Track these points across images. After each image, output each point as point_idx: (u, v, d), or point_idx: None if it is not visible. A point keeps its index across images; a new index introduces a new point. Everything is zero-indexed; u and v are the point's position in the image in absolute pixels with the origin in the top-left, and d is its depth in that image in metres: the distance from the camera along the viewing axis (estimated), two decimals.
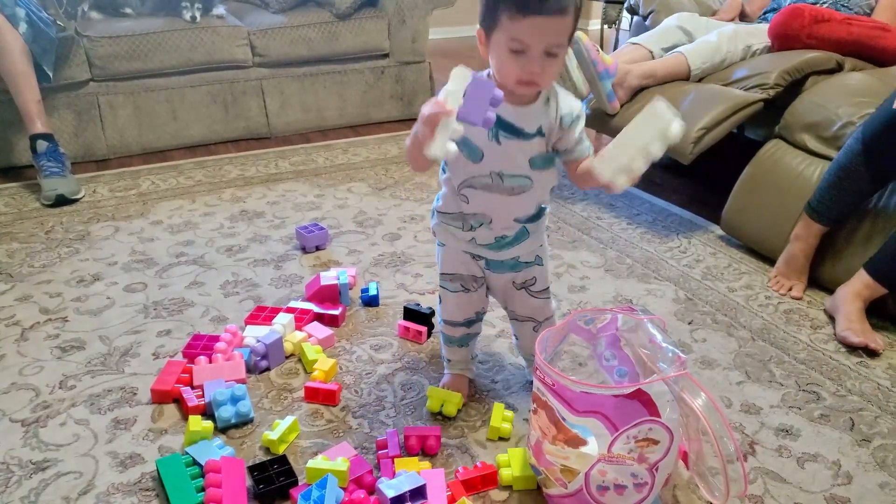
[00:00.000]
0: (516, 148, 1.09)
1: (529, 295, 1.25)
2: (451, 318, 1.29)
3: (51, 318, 1.59)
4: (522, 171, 1.11)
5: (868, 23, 2.03)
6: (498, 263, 1.21)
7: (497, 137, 1.08)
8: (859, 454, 1.21)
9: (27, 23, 2.21)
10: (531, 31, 0.97)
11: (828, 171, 1.66)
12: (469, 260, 1.22)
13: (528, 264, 1.22)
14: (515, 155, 1.09)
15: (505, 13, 0.97)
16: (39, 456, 1.19)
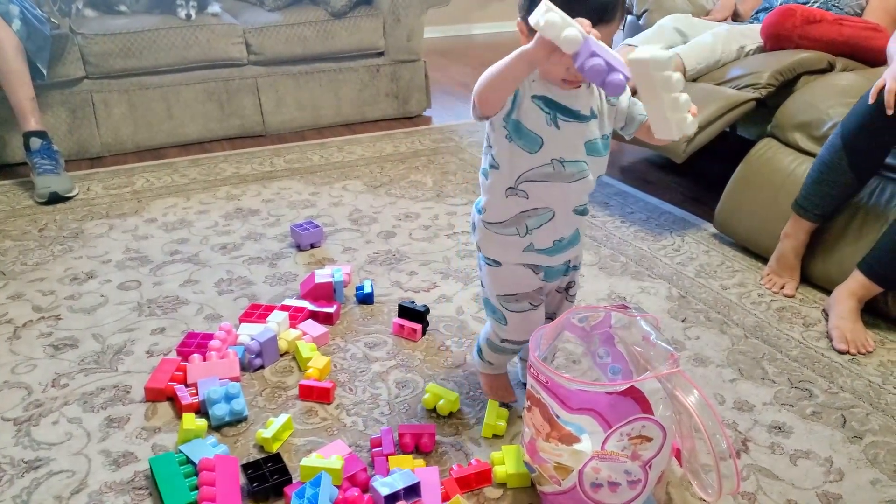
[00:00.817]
0: (574, 131, 1.08)
1: (565, 299, 1.27)
2: (517, 337, 1.23)
3: (44, 316, 1.58)
4: (580, 157, 1.09)
5: (859, 23, 2.04)
6: (554, 271, 1.18)
7: (556, 122, 1.06)
8: (851, 451, 1.22)
9: (21, 20, 2.20)
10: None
11: (812, 167, 1.67)
12: (530, 274, 1.17)
13: (576, 269, 1.24)
14: (574, 139, 1.08)
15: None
16: (32, 455, 1.19)
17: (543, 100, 1.05)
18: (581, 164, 1.10)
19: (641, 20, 2.61)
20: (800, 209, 1.68)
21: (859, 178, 1.61)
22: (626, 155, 2.75)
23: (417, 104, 3.12)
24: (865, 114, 1.55)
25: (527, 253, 1.15)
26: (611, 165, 2.63)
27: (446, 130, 2.93)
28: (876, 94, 1.52)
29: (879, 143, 1.57)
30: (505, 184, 1.11)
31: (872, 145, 1.58)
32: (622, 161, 2.69)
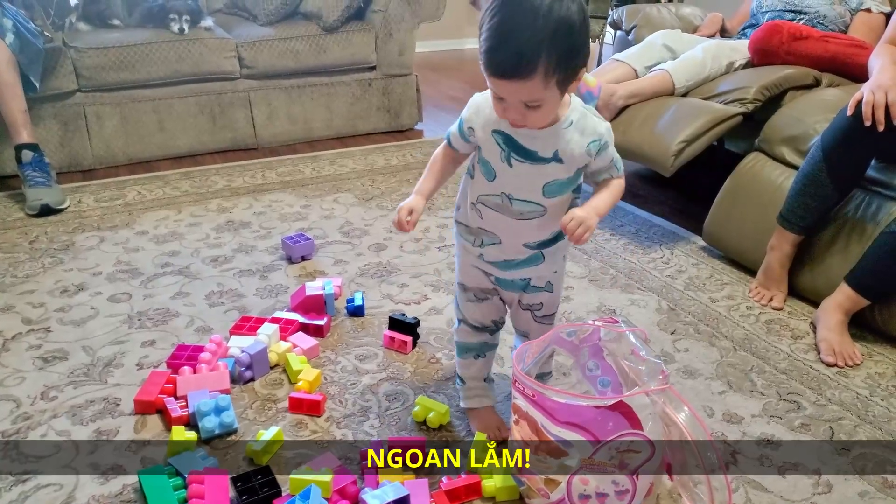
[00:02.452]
0: (528, 172, 1.05)
1: (533, 318, 1.23)
2: (462, 314, 1.25)
3: (33, 328, 1.58)
4: (533, 198, 1.07)
5: (845, 40, 2.08)
6: (507, 282, 1.18)
7: (509, 160, 1.05)
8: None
9: (14, 33, 2.21)
10: (501, 89, 0.96)
11: (794, 179, 1.70)
12: (481, 275, 1.20)
13: (538, 289, 1.19)
14: (527, 179, 1.06)
15: (482, 61, 0.96)
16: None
17: (502, 135, 1.05)
18: (531, 205, 1.08)
19: (630, 36, 2.64)
20: (784, 221, 1.70)
21: (840, 189, 1.63)
22: None
23: (409, 118, 3.14)
24: (844, 126, 1.57)
25: (479, 260, 1.17)
26: None
27: (437, 144, 2.93)
28: (854, 106, 1.54)
29: (858, 154, 1.60)
30: (471, 196, 1.14)
31: (851, 157, 1.60)
32: None
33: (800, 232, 1.68)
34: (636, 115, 2.07)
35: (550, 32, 0.90)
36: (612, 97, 2.07)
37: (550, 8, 0.90)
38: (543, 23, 0.89)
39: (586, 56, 0.97)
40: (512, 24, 0.90)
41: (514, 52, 0.91)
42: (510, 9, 0.91)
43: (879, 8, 2.20)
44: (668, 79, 2.11)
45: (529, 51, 0.90)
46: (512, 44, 0.91)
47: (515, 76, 0.92)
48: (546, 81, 0.93)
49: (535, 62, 0.91)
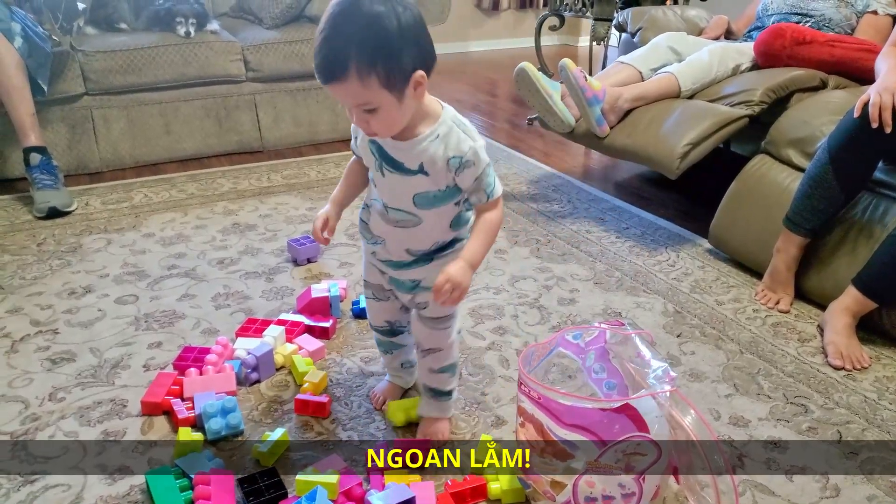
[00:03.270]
0: (398, 182, 1.07)
1: (419, 317, 1.19)
2: (370, 321, 1.30)
3: (41, 329, 1.59)
4: (405, 207, 1.08)
5: (853, 44, 2.06)
6: (399, 283, 1.17)
7: (381, 169, 1.08)
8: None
9: (23, 37, 2.23)
10: (332, 93, 0.98)
11: (801, 182, 1.69)
12: (377, 273, 1.21)
13: (427, 289, 1.14)
14: (398, 189, 1.08)
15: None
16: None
17: (375, 145, 1.08)
18: (405, 215, 1.09)
19: (636, 38, 2.64)
20: (790, 224, 1.69)
21: (846, 192, 1.63)
22: (620, 171, 2.77)
23: None
24: (851, 128, 1.57)
25: (373, 257, 1.19)
26: (605, 181, 2.65)
27: None
28: (861, 108, 1.54)
29: (865, 156, 1.59)
30: (367, 198, 1.18)
31: (858, 159, 1.60)
32: (617, 177, 2.71)
33: (806, 234, 1.68)
34: (642, 118, 2.07)
35: (360, 31, 0.92)
36: (617, 100, 2.07)
37: (365, 11, 0.92)
38: (354, 24, 0.92)
39: (417, 61, 0.96)
40: (330, 30, 0.93)
41: (326, 54, 0.93)
42: (331, 16, 0.94)
43: (886, 10, 2.20)
44: (673, 82, 2.11)
45: (340, 51, 0.92)
46: (325, 48, 0.94)
47: (331, 78, 0.94)
48: (363, 82, 0.93)
49: (345, 62, 0.92)
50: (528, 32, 5.12)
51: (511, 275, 1.87)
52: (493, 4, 5.23)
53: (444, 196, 1.07)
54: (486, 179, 1.05)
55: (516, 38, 5.40)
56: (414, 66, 0.96)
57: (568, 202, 2.37)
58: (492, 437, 1.24)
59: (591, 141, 2.17)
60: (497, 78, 4.33)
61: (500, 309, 1.70)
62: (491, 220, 1.08)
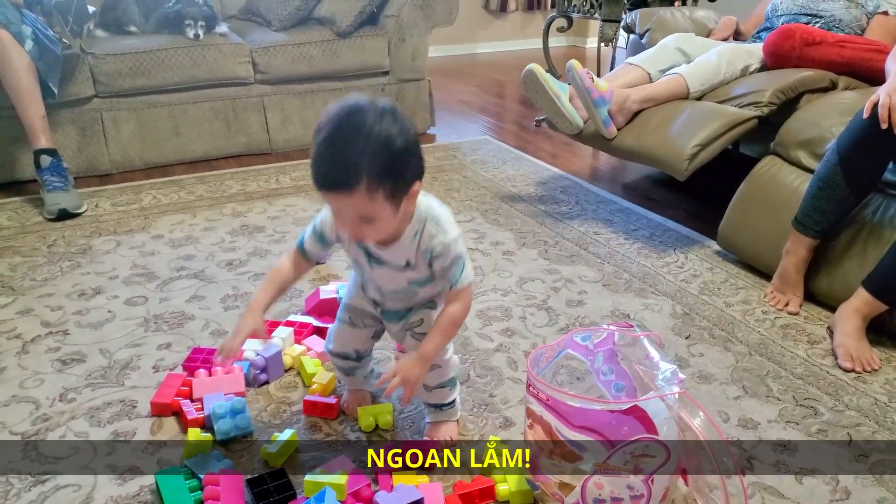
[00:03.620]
0: (390, 274, 1.14)
1: (412, 336, 1.21)
2: (333, 348, 1.30)
3: (52, 331, 1.60)
4: (401, 288, 1.16)
5: (863, 44, 2.05)
6: (391, 313, 1.22)
7: (370, 263, 1.15)
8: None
9: (33, 40, 2.24)
10: (332, 202, 1.02)
11: (810, 183, 1.68)
12: (363, 298, 1.24)
13: (420, 308, 1.21)
14: (392, 277, 1.15)
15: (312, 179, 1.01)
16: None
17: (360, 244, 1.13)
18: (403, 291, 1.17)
19: (644, 39, 2.64)
20: (799, 225, 1.68)
21: (856, 193, 1.62)
22: (628, 172, 2.77)
23: (422, 122, 3.14)
24: (860, 129, 1.56)
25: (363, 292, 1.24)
26: (613, 182, 2.65)
27: (450, 148, 2.96)
28: (870, 109, 1.53)
29: (875, 157, 1.59)
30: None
31: (868, 160, 1.59)
32: (625, 178, 2.71)
33: (815, 236, 1.67)
34: (650, 119, 2.06)
35: (372, 148, 0.95)
36: (625, 102, 2.07)
37: (373, 126, 0.96)
38: (365, 139, 0.95)
39: (415, 174, 1.02)
40: (337, 140, 0.96)
41: (337, 165, 0.97)
42: (336, 126, 0.97)
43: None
44: (682, 83, 2.10)
45: (351, 163, 0.95)
46: (336, 157, 0.96)
47: (338, 188, 0.98)
48: (371, 195, 0.97)
49: (357, 175, 0.96)
50: (535, 34, 5.11)
51: (519, 276, 1.87)
52: (500, 6, 5.24)
53: (434, 277, 1.14)
54: (452, 271, 1.11)
55: (524, 39, 5.40)
56: (413, 179, 1.02)
57: (576, 204, 2.36)
58: (499, 438, 1.24)
59: (600, 142, 2.16)
60: (505, 79, 4.33)
61: (508, 311, 1.70)
62: (452, 314, 1.13)
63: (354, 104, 0.98)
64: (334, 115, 0.98)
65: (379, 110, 0.97)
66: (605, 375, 1.20)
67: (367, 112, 0.97)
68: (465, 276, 1.11)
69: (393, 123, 0.97)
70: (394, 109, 0.99)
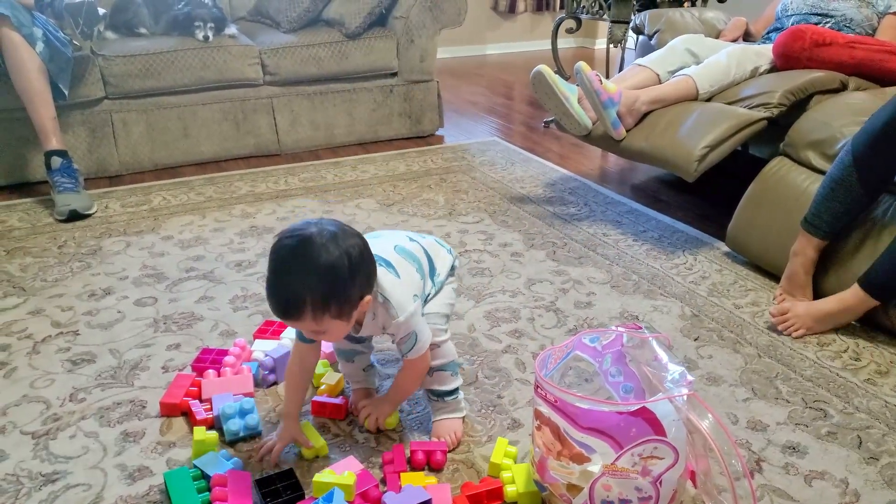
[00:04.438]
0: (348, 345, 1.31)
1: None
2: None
3: (62, 331, 1.61)
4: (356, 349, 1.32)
5: (874, 45, 2.03)
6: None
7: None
8: (867, 472, 1.21)
9: (44, 42, 2.26)
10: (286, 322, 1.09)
11: (822, 184, 1.67)
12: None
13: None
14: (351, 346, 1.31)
15: None
16: (49, 468, 1.20)
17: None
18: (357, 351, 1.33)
19: (653, 41, 2.63)
20: (808, 226, 1.67)
21: (869, 194, 1.61)
22: (637, 174, 2.76)
23: (430, 123, 3.15)
24: (876, 130, 1.55)
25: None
26: (622, 184, 2.64)
27: (458, 149, 2.96)
28: None
29: (890, 158, 1.57)
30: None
31: (883, 161, 1.57)
32: (634, 180, 2.70)
33: (824, 237, 1.66)
34: (659, 121, 2.06)
35: (314, 279, 1.01)
36: (634, 103, 2.06)
37: (317, 258, 1.01)
38: (307, 270, 1.01)
39: (363, 289, 1.08)
40: (282, 274, 1.03)
41: (282, 298, 1.03)
42: (282, 261, 1.03)
43: None
44: (691, 84, 2.09)
45: (295, 296, 1.02)
46: (280, 290, 1.03)
47: (286, 317, 1.05)
48: (317, 318, 1.04)
49: (300, 306, 1.02)
50: (544, 35, 5.11)
51: (527, 278, 1.87)
52: (509, 7, 5.24)
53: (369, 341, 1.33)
54: (405, 345, 1.18)
55: (533, 40, 5.40)
56: (361, 294, 1.08)
57: (584, 205, 2.36)
58: (508, 439, 1.24)
59: (608, 144, 2.16)
60: (513, 81, 4.33)
61: (516, 312, 1.70)
62: (413, 371, 1.23)
63: (300, 236, 1.02)
64: (281, 247, 1.03)
65: (325, 238, 1.02)
66: (614, 377, 1.19)
67: (313, 243, 1.01)
68: (417, 349, 1.18)
69: (336, 249, 1.02)
70: (336, 234, 1.03)
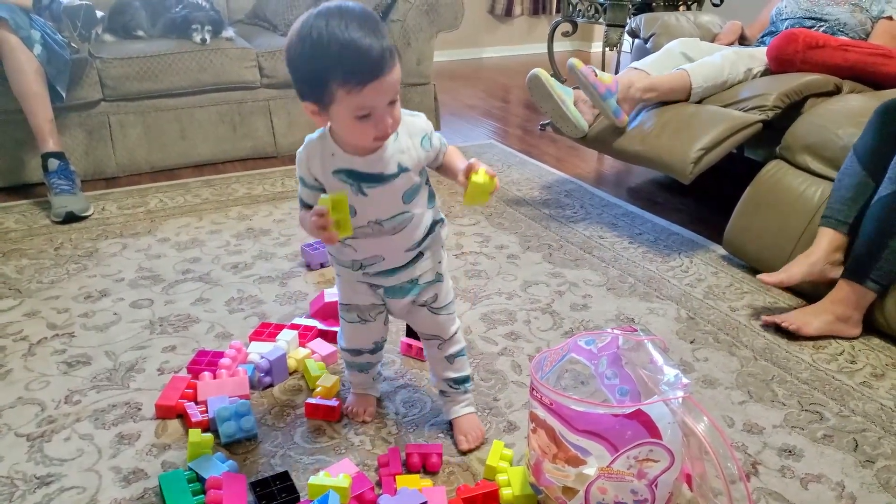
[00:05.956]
0: (384, 192, 1.08)
1: (431, 312, 1.22)
2: (349, 345, 1.29)
3: (58, 333, 1.61)
4: (398, 210, 1.10)
5: (867, 49, 2.04)
6: (396, 289, 1.18)
7: (362, 190, 1.07)
8: (863, 475, 1.21)
9: (42, 45, 2.26)
10: (374, 95, 0.97)
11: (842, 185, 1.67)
12: (367, 289, 1.20)
13: (429, 283, 1.20)
14: (386, 199, 1.09)
15: (341, 89, 0.96)
16: (44, 470, 1.20)
17: (344, 172, 1.07)
18: (401, 217, 1.11)
19: (648, 44, 2.64)
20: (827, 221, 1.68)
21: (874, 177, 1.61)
22: (633, 176, 2.76)
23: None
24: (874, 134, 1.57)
25: (363, 276, 1.18)
26: (618, 186, 2.64)
27: None
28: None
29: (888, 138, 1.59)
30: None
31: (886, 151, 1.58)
32: (630, 182, 2.70)
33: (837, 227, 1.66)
34: (655, 123, 2.06)
35: (380, 24, 0.97)
36: (629, 89, 2.07)
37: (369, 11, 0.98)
38: (373, 19, 0.97)
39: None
40: (362, 22, 0.95)
41: (379, 45, 0.95)
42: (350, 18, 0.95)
43: None
44: (685, 77, 2.09)
45: (383, 40, 0.96)
46: (375, 34, 0.95)
47: (392, 64, 0.97)
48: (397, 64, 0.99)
49: (391, 48, 0.97)
50: (541, 38, 5.12)
51: (523, 280, 1.87)
52: (506, 10, 5.24)
53: (421, 182, 1.13)
54: (438, 138, 1.15)
55: (529, 44, 5.40)
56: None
57: (581, 207, 2.36)
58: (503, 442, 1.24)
59: (604, 146, 2.17)
60: (510, 84, 4.34)
61: (512, 314, 1.70)
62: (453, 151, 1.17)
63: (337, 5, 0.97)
64: (335, 9, 0.96)
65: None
66: (609, 379, 1.19)
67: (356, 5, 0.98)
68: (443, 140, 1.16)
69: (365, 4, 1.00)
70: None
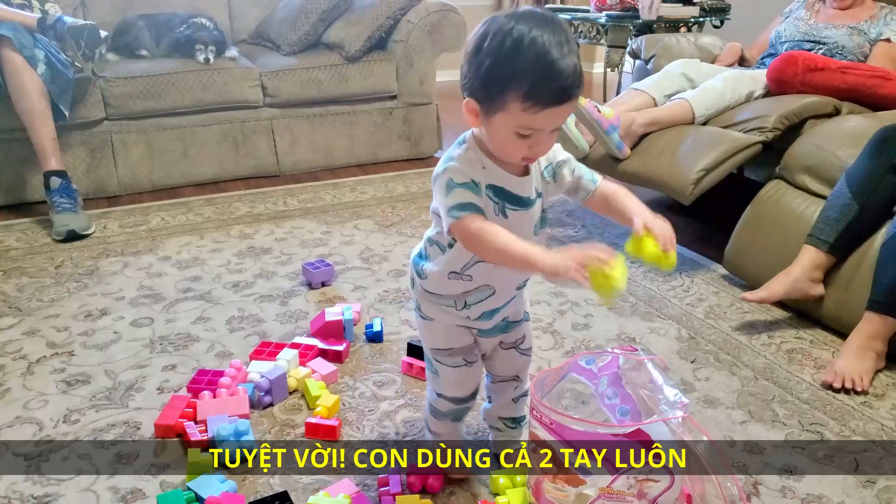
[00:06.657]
0: (521, 218, 1.02)
1: (519, 353, 1.19)
2: (454, 393, 1.17)
3: (57, 352, 1.60)
4: (533, 230, 1.05)
5: (866, 71, 2.06)
6: (489, 330, 1.13)
7: (504, 211, 1.01)
8: (864, 496, 1.20)
9: (46, 64, 2.28)
10: (548, 119, 0.92)
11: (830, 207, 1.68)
12: (464, 332, 1.13)
13: (518, 322, 1.17)
14: (522, 225, 1.02)
15: (518, 102, 0.90)
16: (41, 490, 1.19)
17: (493, 189, 0.99)
18: None
19: (649, 65, 2.66)
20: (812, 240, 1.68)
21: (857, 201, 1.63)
22: None
23: (429, 146, 3.17)
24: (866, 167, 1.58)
25: (465, 320, 1.10)
26: None
27: None
28: None
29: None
30: (451, 267, 1.05)
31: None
32: None
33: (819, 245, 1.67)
34: (655, 144, 2.08)
35: (577, 46, 0.92)
36: (631, 125, 2.09)
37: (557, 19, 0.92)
38: (573, 36, 0.92)
39: None
40: (563, 42, 0.89)
41: (574, 69, 0.90)
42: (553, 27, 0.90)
43: None
44: (687, 107, 2.11)
45: (579, 60, 0.91)
46: (572, 58, 0.89)
47: (579, 92, 0.92)
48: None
49: (581, 70, 0.93)
50: None
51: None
52: None
53: (546, 217, 1.08)
54: (580, 166, 1.08)
55: None
56: None
57: (582, 227, 2.37)
58: None
59: (605, 167, 2.17)
60: None
61: None
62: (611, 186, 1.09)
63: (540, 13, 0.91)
64: (540, 17, 0.90)
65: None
66: (610, 399, 1.19)
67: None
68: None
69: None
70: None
